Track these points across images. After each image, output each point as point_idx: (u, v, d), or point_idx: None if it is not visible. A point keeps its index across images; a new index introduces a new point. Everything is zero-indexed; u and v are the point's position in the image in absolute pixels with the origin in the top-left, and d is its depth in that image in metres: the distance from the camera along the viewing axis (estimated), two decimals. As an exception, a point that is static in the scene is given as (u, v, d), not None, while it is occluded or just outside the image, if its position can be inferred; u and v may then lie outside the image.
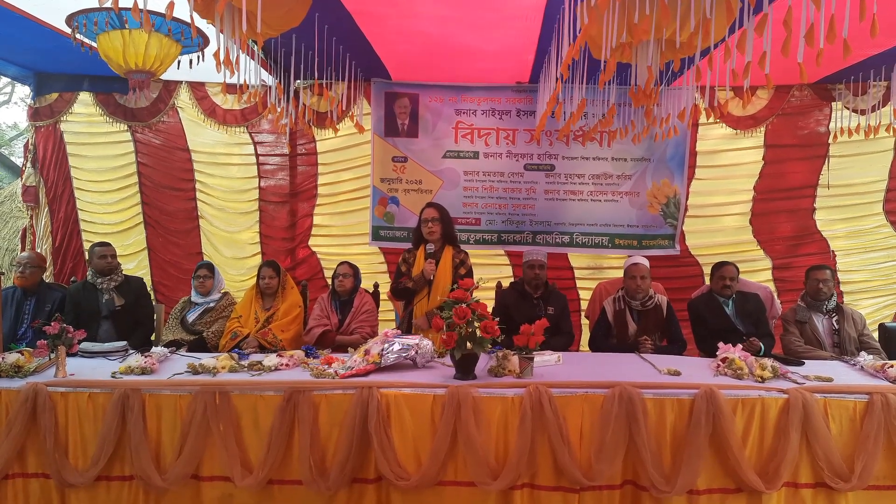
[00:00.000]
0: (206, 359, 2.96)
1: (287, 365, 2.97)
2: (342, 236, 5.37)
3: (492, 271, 5.16)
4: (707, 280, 4.35)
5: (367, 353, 2.94)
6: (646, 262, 3.87)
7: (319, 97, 4.94)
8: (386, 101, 5.14)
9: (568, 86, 3.62)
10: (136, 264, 5.32)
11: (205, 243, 5.35)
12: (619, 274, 4.09)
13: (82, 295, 3.95)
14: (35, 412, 2.58)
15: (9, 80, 12.98)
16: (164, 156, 5.30)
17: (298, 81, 4.74)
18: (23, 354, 2.89)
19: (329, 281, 4.38)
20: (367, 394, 2.57)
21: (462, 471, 2.57)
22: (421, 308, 3.80)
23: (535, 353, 2.83)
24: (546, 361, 3.07)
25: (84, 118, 5.24)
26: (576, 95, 3.59)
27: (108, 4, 2.32)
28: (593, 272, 5.33)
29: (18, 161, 11.70)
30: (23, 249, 5.28)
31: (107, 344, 3.44)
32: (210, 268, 4.15)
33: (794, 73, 2.45)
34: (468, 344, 2.70)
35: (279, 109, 3.92)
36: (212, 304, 4.06)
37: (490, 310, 2.85)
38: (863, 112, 4.63)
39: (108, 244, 4.10)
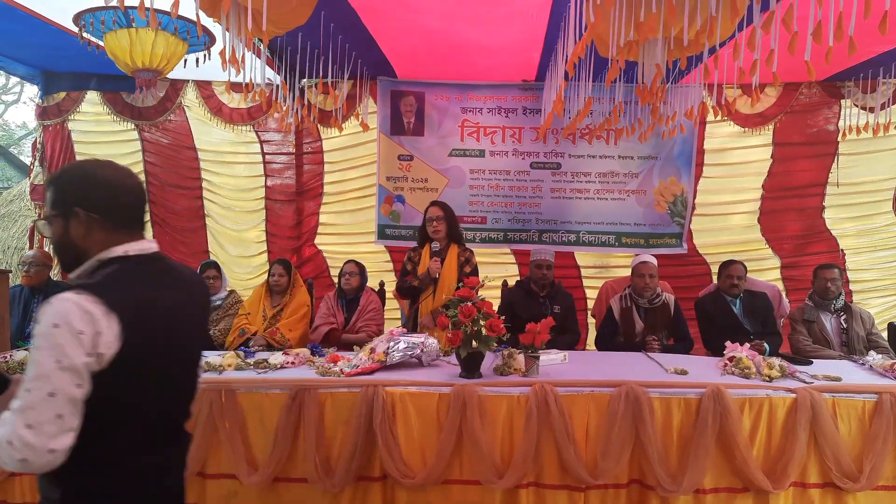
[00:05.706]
0: (213, 357, 2.96)
1: (293, 363, 2.97)
2: (348, 235, 5.37)
3: (497, 270, 5.15)
4: (714, 279, 4.32)
5: (372, 351, 2.94)
6: (654, 261, 3.85)
7: (325, 95, 4.94)
8: (392, 99, 5.13)
9: (574, 83, 3.60)
10: (142, 262, 5.33)
11: (211, 242, 5.36)
12: (626, 273, 4.07)
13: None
14: (43, 409, 2.58)
15: (18, 79, 13.06)
16: (171, 154, 5.31)
17: (304, 80, 4.75)
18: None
19: (335, 279, 4.39)
20: (373, 392, 2.56)
21: (467, 469, 2.57)
22: (426, 306, 3.80)
23: (540, 351, 2.82)
24: (552, 360, 3.06)
25: (91, 117, 5.26)
26: (582, 93, 3.57)
27: (114, 3, 2.33)
28: (600, 271, 5.31)
29: (27, 160, 11.77)
30: (31, 248, 5.30)
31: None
32: (217, 268, 4.17)
33: (802, 70, 2.44)
34: (474, 342, 2.70)
35: (284, 108, 3.93)
36: (218, 303, 4.08)
37: (496, 308, 2.84)
38: (872, 109, 4.58)
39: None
